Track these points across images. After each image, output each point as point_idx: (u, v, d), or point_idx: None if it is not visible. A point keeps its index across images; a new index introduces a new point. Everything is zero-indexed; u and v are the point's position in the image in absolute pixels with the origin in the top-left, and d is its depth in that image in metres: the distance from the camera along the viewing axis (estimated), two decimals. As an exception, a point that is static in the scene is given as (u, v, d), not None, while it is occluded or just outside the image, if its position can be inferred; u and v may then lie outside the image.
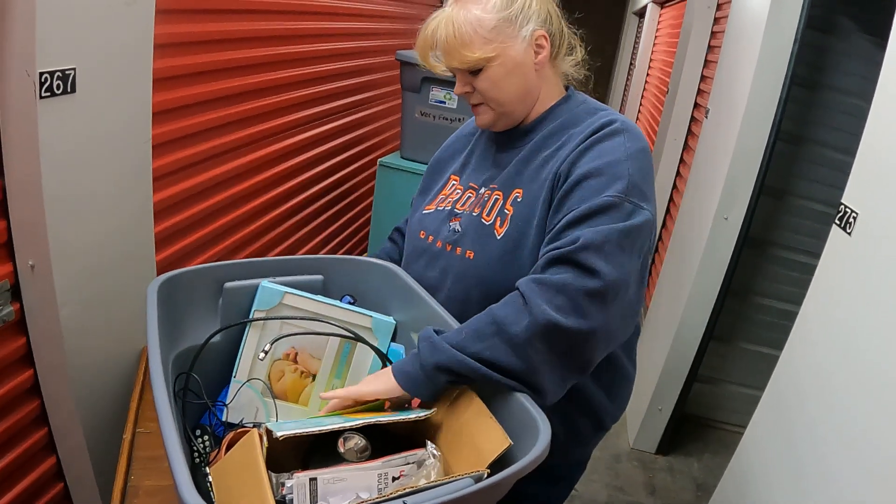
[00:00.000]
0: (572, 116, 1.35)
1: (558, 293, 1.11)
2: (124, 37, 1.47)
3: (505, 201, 1.33)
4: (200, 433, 1.28)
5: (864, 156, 1.63)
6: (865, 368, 1.51)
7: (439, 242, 1.40)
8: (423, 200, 1.53)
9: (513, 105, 1.34)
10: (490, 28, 1.26)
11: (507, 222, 1.30)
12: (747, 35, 2.85)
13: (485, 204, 1.36)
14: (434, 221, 1.44)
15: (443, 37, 1.28)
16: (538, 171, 1.31)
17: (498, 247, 1.30)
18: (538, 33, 1.30)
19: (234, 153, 2.23)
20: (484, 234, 1.32)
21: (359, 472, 1.04)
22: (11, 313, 1.42)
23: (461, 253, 1.35)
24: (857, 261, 1.60)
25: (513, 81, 1.31)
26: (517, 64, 1.30)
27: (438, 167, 1.57)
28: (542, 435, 1.01)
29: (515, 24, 1.27)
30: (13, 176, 1.34)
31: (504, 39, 1.27)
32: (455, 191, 1.46)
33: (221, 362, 1.34)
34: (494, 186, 1.37)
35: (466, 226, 1.36)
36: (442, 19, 1.28)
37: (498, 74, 1.29)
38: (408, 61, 2.94)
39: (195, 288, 1.35)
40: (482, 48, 1.26)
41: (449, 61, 1.31)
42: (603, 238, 1.13)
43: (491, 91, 1.31)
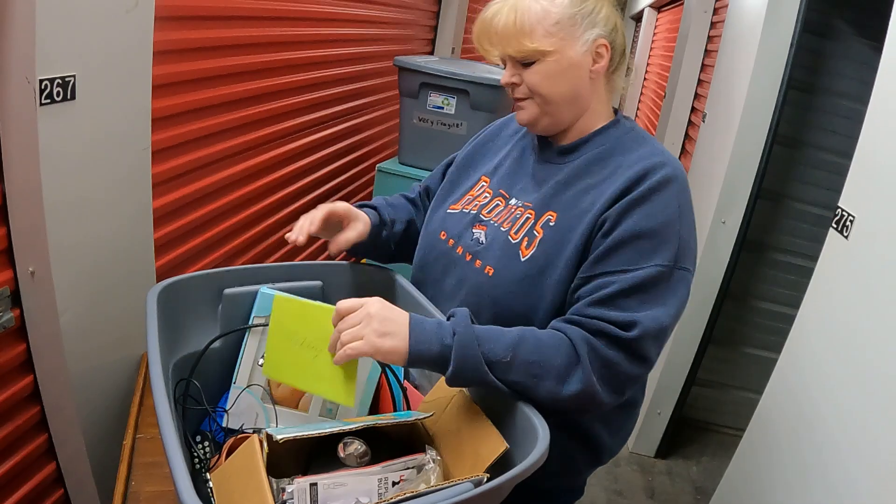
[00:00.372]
0: (619, 144, 1.29)
1: (608, 369, 1.11)
2: (124, 43, 1.47)
3: (536, 222, 1.27)
4: (200, 439, 1.28)
5: (860, 159, 1.64)
6: (863, 371, 1.51)
7: (460, 249, 1.36)
8: (448, 196, 1.48)
9: (559, 106, 1.28)
10: (554, 22, 1.21)
11: (535, 245, 1.24)
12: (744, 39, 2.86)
13: (515, 220, 1.30)
14: (457, 224, 1.39)
15: (503, 22, 1.22)
16: (577, 198, 1.25)
17: (520, 269, 1.24)
18: (601, 41, 1.24)
19: (233, 159, 2.23)
20: (508, 253, 1.27)
21: (359, 476, 1.04)
22: (11, 319, 1.42)
23: (480, 267, 1.30)
24: (854, 264, 1.60)
25: (564, 81, 1.25)
26: (572, 65, 1.24)
27: (470, 163, 1.51)
28: (541, 439, 1.01)
29: (581, 25, 1.23)
30: (13, 182, 1.34)
31: (565, 37, 1.22)
32: (483, 194, 1.41)
33: (221, 368, 1.34)
34: (528, 205, 1.30)
35: (491, 239, 1.31)
36: (506, 4, 1.23)
37: (551, 70, 1.24)
38: (406, 67, 2.94)
39: (195, 294, 1.35)
40: (541, 40, 1.21)
41: (504, 48, 1.25)
42: (658, 328, 1.13)
43: (540, 86, 1.25)
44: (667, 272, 1.14)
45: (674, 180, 1.19)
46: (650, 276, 1.13)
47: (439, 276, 1.39)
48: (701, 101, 3.69)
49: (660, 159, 1.22)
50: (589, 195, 1.23)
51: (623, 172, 1.21)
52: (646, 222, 1.15)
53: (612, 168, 1.25)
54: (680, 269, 1.16)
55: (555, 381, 1.10)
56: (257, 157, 2.39)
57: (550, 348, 1.11)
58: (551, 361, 1.10)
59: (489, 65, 3.54)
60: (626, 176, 1.20)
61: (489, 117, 2.91)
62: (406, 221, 1.58)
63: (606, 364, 1.11)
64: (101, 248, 1.55)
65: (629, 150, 1.26)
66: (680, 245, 1.16)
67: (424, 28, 4.24)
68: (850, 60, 2.85)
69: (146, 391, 1.60)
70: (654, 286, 1.14)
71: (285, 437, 1.02)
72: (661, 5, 6.69)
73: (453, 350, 1.08)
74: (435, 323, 1.12)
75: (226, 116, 2.12)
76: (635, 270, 1.14)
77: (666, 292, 1.15)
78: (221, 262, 2.24)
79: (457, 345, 1.09)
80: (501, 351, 1.09)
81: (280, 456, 1.10)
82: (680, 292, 1.17)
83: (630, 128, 1.33)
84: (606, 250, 1.16)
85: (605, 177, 1.24)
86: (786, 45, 2.60)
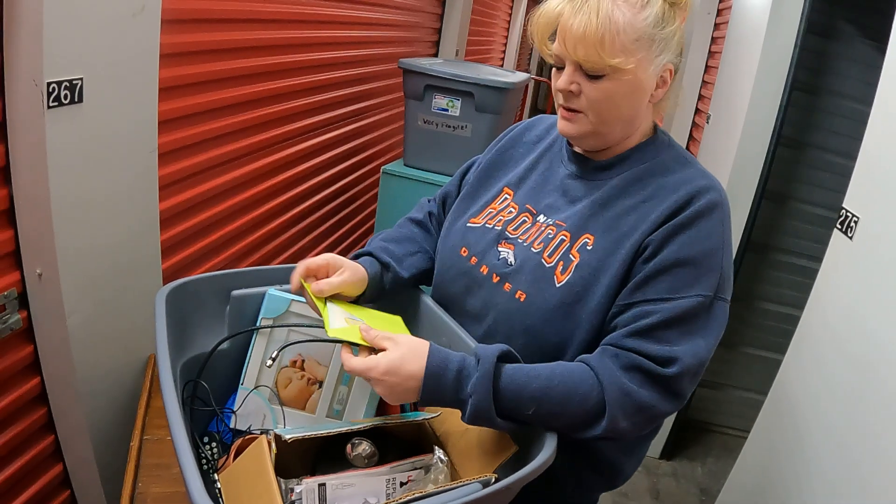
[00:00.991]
0: (660, 163, 1.21)
1: (640, 412, 1.06)
2: (131, 47, 1.48)
3: (571, 245, 1.19)
4: (208, 440, 1.28)
5: (864, 160, 1.64)
6: (868, 372, 1.51)
7: (485, 268, 1.26)
8: (468, 208, 1.38)
9: (613, 126, 1.19)
10: (635, 38, 1.10)
11: (572, 270, 1.16)
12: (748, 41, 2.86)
13: (548, 241, 1.21)
14: (480, 240, 1.29)
15: (582, 24, 1.09)
16: (617, 220, 1.17)
17: (556, 296, 1.16)
18: (669, 66, 1.17)
19: (240, 161, 2.24)
20: (542, 278, 1.18)
21: (367, 477, 1.05)
22: (19, 321, 1.43)
23: (511, 291, 1.20)
24: (858, 265, 1.61)
25: (627, 103, 1.16)
26: (640, 88, 1.15)
27: (491, 172, 1.41)
28: (549, 440, 1.02)
29: (657, 47, 1.13)
30: (21, 185, 1.35)
31: (642, 57, 1.12)
32: (508, 209, 1.31)
33: (229, 370, 1.34)
34: (561, 224, 1.22)
35: (522, 261, 1.22)
36: (588, 3, 1.10)
37: (618, 90, 1.14)
38: (410, 69, 2.95)
39: (203, 296, 1.35)
40: (620, 56, 1.10)
41: (575, 51, 1.11)
42: (697, 362, 1.07)
43: (601, 103, 1.15)
44: (707, 303, 1.10)
45: (719, 206, 1.14)
46: (691, 306, 1.08)
47: (461, 295, 1.31)
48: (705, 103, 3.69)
49: (706, 183, 1.16)
50: (629, 217, 1.16)
51: (667, 195, 1.15)
52: (689, 249, 1.10)
53: (653, 188, 1.18)
54: (720, 299, 1.12)
55: (578, 429, 1.06)
56: (263, 160, 2.40)
57: (577, 396, 1.06)
58: (576, 411, 1.06)
59: (493, 66, 3.55)
60: (672, 199, 1.14)
61: (494, 119, 2.91)
62: (415, 253, 1.44)
63: (640, 409, 1.06)
64: (108, 251, 1.56)
65: (671, 171, 1.20)
66: (721, 275, 1.12)
67: (428, 30, 4.25)
68: (853, 62, 2.85)
69: (153, 393, 1.60)
70: (695, 318, 1.09)
71: (294, 437, 1.03)
72: (664, 7, 6.68)
73: (467, 409, 1.03)
74: (449, 374, 1.04)
75: (232, 119, 2.13)
76: (677, 300, 1.08)
77: (706, 324, 1.10)
78: (228, 265, 2.25)
79: (472, 405, 1.03)
80: (523, 405, 1.04)
81: (288, 457, 1.10)
82: (719, 324, 1.12)
83: (668, 144, 1.26)
84: (647, 277, 1.11)
85: (647, 198, 1.17)
86: (789, 47, 2.60)
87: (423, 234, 1.49)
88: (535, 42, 1.20)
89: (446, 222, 1.41)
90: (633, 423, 1.06)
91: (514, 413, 1.04)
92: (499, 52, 7.43)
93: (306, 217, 2.88)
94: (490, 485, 0.95)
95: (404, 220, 1.52)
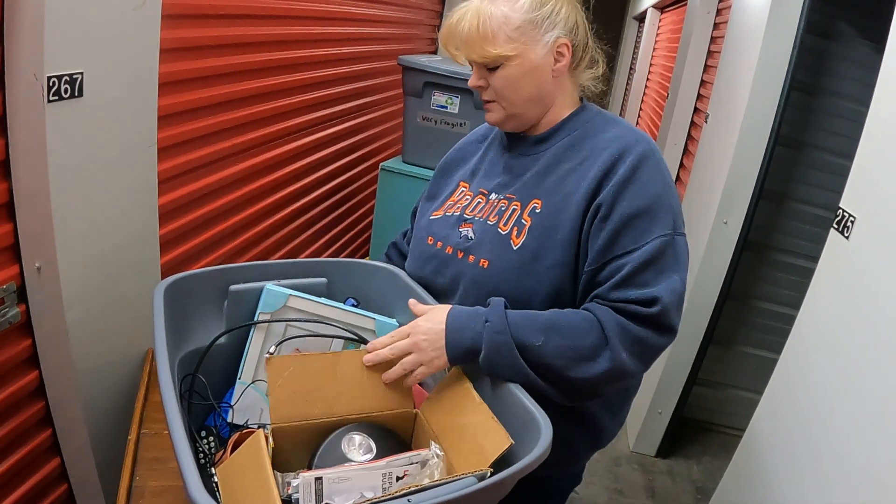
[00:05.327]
0: (589, 128, 1.35)
1: (639, 344, 1.19)
2: (131, 41, 1.48)
3: (522, 211, 1.31)
4: (205, 434, 1.29)
5: (861, 160, 1.65)
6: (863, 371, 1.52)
7: (449, 248, 1.39)
8: (430, 206, 1.51)
9: (524, 107, 1.33)
10: (515, 27, 1.26)
11: (525, 233, 1.29)
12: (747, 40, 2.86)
13: (501, 213, 1.34)
14: (443, 227, 1.42)
15: (466, 28, 1.27)
16: (559, 183, 1.30)
17: (515, 257, 1.28)
18: (561, 41, 1.29)
19: (238, 157, 2.25)
20: (500, 244, 1.31)
21: (363, 471, 1.05)
22: (18, 315, 1.43)
23: (474, 261, 1.33)
24: (854, 264, 1.61)
25: (527, 84, 1.30)
26: (535, 67, 1.29)
27: (446, 173, 1.55)
28: (544, 434, 1.02)
29: (541, 28, 1.27)
30: (20, 178, 1.35)
31: (527, 41, 1.26)
32: (464, 197, 1.44)
33: (226, 364, 1.35)
34: (511, 196, 1.35)
35: (481, 234, 1.35)
36: (469, 10, 1.27)
37: (514, 74, 1.28)
38: (409, 66, 2.95)
39: (201, 290, 1.36)
40: (503, 46, 1.26)
41: (468, 53, 1.30)
42: (675, 296, 1.20)
43: (505, 90, 1.30)
44: (669, 240, 1.22)
45: (651, 154, 1.26)
46: (656, 248, 1.20)
47: (431, 276, 1.42)
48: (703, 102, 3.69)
49: (633, 137, 1.29)
50: (570, 179, 1.29)
51: (600, 153, 1.28)
52: (639, 201, 1.22)
53: (587, 150, 1.30)
54: (678, 234, 1.24)
55: (586, 362, 1.17)
56: (262, 155, 2.40)
57: (580, 330, 1.18)
58: (582, 343, 1.17)
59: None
60: (605, 157, 1.26)
61: (492, 117, 2.91)
62: None
63: (637, 340, 1.18)
64: (107, 245, 1.56)
65: (600, 132, 1.32)
66: (673, 213, 1.24)
67: (427, 27, 4.25)
68: (852, 62, 2.85)
69: (151, 387, 1.61)
70: (662, 256, 1.20)
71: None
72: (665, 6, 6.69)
73: (484, 336, 1.17)
74: (468, 312, 1.22)
75: (231, 114, 2.13)
76: (642, 247, 1.20)
77: (673, 259, 1.22)
78: (226, 259, 2.25)
79: (488, 331, 1.17)
80: (534, 335, 1.17)
81: (285, 450, 1.11)
82: (684, 255, 1.25)
83: (597, 111, 1.39)
84: (610, 235, 1.21)
85: (583, 159, 1.30)
86: (788, 47, 2.60)
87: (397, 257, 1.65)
88: (446, 53, 1.35)
89: (415, 224, 1.56)
90: (633, 354, 1.19)
91: (526, 343, 1.16)
92: (498, 49, 7.41)
93: (305, 213, 2.88)
94: (486, 479, 0.96)
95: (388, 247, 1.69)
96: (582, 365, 1.17)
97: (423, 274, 1.45)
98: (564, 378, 1.18)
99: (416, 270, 1.47)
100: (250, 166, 2.32)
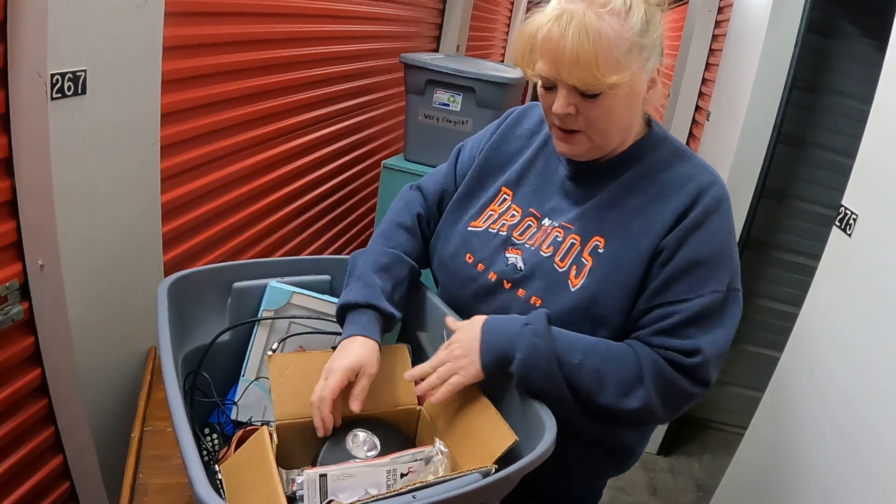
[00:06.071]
0: (661, 160, 1.21)
1: (671, 390, 1.12)
2: (134, 39, 1.48)
3: (583, 249, 1.19)
4: (209, 431, 1.29)
5: (863, 158, 1.65)
6: (865, 368, 1.52)
7: (493, 275, 1.25)
8: (466, 208, 1.36)
9: (614, 138, 1.18)
10: (625, 51, 1.07)
11: (585, 274, 1.17)
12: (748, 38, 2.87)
13: (557, 245, 1.21)
14: (484, 245, 1.28)
15: (572, 45, 1.05)
16: (625, 221, 1.18)
17: (571, 300, 1.16)
18: (657, 68, 1.15)
19: (241, 154, 2.24)
20: (556, 282, 1.19)
21: (368, 468, 1.05)
22: (20, 312, 1.43)
23: (524, 297, 1.21)
24: (856, 262, 1.61)
25: (624, 114, 1.15)
26: (635, 96, 1.14)
27: (486, 171, 1.37)
28: (548, 431, 1.02)
29: (645, 54, 1.11)
30: (23, 176, 1.35)
31: (636, 69, 1.09)
32: (510, 211, 1.30)
33: (230, 361, 1.35)
34: (569, 227, 1.22)
35: (533, 266, 1.22)
36: (572, 20, 1.05)
37: (616, 105, 1.12)
38: (412, 64, 2.95)
39: (204, 288, 1.36)
40: (617, 72, 1.06)
41: (567, 75, 1.08)
42: (719, 352, 1.14)
43: (602, 121, 1.14)
44: (722, 297, 1.14)
45: (723, 200, 1.17)
46: (709, 303, 1.12)
47: (470, 302, 1.29)
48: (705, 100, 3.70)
49: (708, 178, 1.18)
50: (638, 219, 1.17)
51: (672, 195, 1.17)
52: (702, 248, 1.14)
53: (657, 187, 1.19)
54: (733, 290, 1.16)
55: (618, 394, 1.10)
56: (265, 153, 2.40)
57: (619, 360, 1.12)
58: (618, 373, 1.10)
59: (494, 62, 3.54)
60: (678, 200, 1.16)
61: (495, 114, 2.90)
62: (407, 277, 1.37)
63: (670, 385, 1.12)
64: (110, 242, 1.56)
65: (671, 166, 1.21)
66: (732, 267, 1.17)
67: (429, 25, 4.25)
68: (853, 60, 2.85)
69: (154, 384, 1.61)
70: (712, 312, 1.13)
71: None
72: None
73: (523, 338, 1.10)
74: (506, 317, 1.16)
75: (234, 112, 2.13)
76: (694, 299, 1.12)
77: (723, 315, 1.15)
78: (229, 257, 2.25)
79: (528, 333, 1.11)
80: (573, 352, 1.10)
81: (289, 447, 1.11)
82: (735, 313, 1.17)
83: (664, 136, 1.25)
84: (666, 281, 1.14)
85: (652, 197, 1.18)
86: (790, 45, 2.60)
87: (412, 243, 1.41)
88: (519, 64, 1.18)
89: (443, 224, 1.39)
90: (664, 398, 1.12)
91: (564, 358, 1.09)
92: (500, 47, 7.42)
93: (307, 210, 2.88)
94: (490, 475, 0.96)
95: (393, 227, 1.43)
96: (614, 395, 1.10)
97: (461, 299, 1.31)
98: (592, 403, 1.11)
99: (453, 292, 1.33)
100: (253, 164, 2.32)
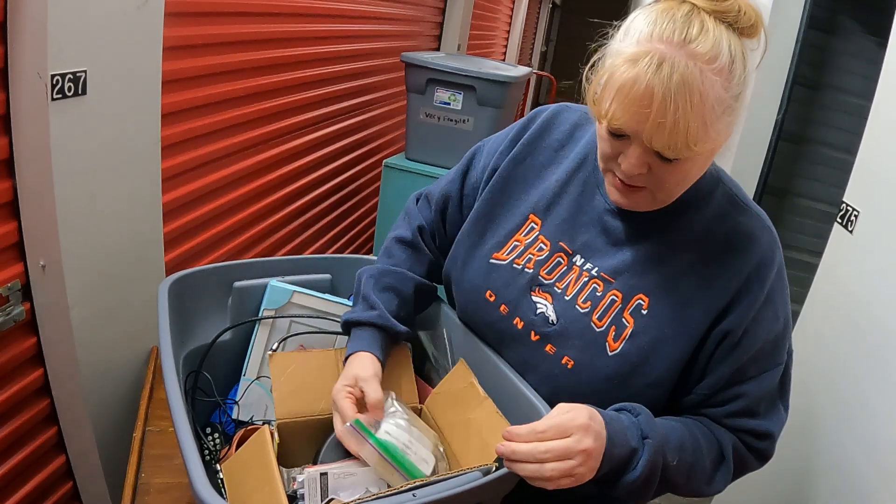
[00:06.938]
0: (717, 210, 1.06)
1: (742, 470, 1.11)
2: (134, 39, 1.48)
3: (624, 307, 1.05)
4: (210, 431, 1.29)
5: (865, 154, 1.65)
6: (867, 366, 1.52)
7: (519, 322, 1.12)
8: (486, 233, 1.20)
9: (679, 194, 1.03)
10: (723, 111, 0.90)
11: (626, 338, 1.04)
12: (750, 36, 2.86)
13: (595, 300, 1.07)
14: (509, 284, 1.14)
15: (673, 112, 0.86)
16: (674, 281, 1.04)
17: (609, 366, 1.04)
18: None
19: (242, 154, 2.25)
20: (592, 344, 1.05)
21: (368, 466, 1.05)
22: (22, 313, 1.43)
23: (555, 355, 1.08)
24: (858, 258, 1.61)
25: (699, 174, 1.01)
26: (713, 154, 1.00)
27: (509, 188, 1.20)
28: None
29: (736, 115, 0.95)
30: (25, 177, 1.35)
31: (722, 128, 0.93)
32: (537, 244, 1.14)
33: (231, 360, 1.35)
34: (609, 280, 1.07)
35: (567, 322, 1.08)
36: (672, 76, 0.85)
37: (694, 168, 0.97)
38: (413, 63, 2.95)
39: (205, 287, 1.36)
40: (710, 142, 0.91)
41: (654, 140, 0.90)
42: (782, 428, 1.10)
43: (674, 184, 0.99)
44: (786, 366, 1.09)
45: (782, 265, 1.07)
46: (777, 376, 1.08)
47: (491, 344, 1.18)
48: (706, 98, 3.69)
49: (768, 238, 1.06)
50: (690, 280, 1.04)
51: (732, 257, 1.03)
52: (773, 326, 1.04)
53: (714, 244, 1.05)
54: (790, 353, 1.11)
55: (703, 483, 1.06)
56: (266, 153, 2.40)
57: (706, 451, 1.04)
58: (703, 464, 1.04)
59: (495, 60, 3.54)
60: (741, 265, 1.03)
61: (496, 113, 2.91)
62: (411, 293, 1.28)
63: (742, 464, 1.10)
64: (112, 243, 1.56)
65: (728, 217, 1.06)
66: (789, 332, 1.10)
67: (430, 24, 4.25)
68: (855, 57, 2.85)
69: (155, 384, 1.61)
70: (778, 385, 1.09)
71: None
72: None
73: (645, 456, 0.97)
74: (619, 422, 0.97)
75: (235, 112, 2.14)
76: (763, 375, 1.05)
77: (784, 385, 1.11)
78: (230, 257, 2.26)
79: (649, 449, 0.97)
80: (671, 454, 1.00)
81: (290, 446, 1.11)
82: (790, 376, 1.12)
83: (717, 177, 1.09)
84: (740, 364, 1.03)
85: (707, 257, 1.04)
86: (791, 42, 2.60)
87: (415, 257, 1.32)
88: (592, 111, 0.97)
89: (459, 246, 1.23)
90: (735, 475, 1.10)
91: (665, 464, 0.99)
92: (501, 46, 7.42)
93: (308, 210, 2.88)
94: (490, 473, 0.96)
95: (392, 243, 1.34)
96: (699, 484, 1.05)
97: (479, 334, 1.20)
98: (675, 491, 1.06)
99: (473, 328, 1.22)
100: (254, 164, 2.33)
